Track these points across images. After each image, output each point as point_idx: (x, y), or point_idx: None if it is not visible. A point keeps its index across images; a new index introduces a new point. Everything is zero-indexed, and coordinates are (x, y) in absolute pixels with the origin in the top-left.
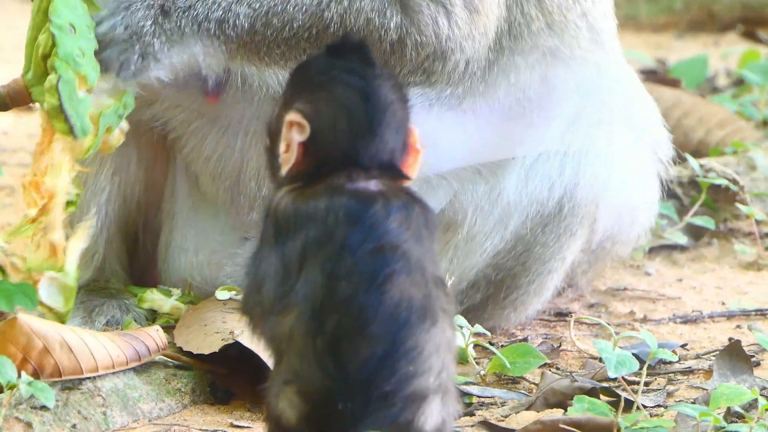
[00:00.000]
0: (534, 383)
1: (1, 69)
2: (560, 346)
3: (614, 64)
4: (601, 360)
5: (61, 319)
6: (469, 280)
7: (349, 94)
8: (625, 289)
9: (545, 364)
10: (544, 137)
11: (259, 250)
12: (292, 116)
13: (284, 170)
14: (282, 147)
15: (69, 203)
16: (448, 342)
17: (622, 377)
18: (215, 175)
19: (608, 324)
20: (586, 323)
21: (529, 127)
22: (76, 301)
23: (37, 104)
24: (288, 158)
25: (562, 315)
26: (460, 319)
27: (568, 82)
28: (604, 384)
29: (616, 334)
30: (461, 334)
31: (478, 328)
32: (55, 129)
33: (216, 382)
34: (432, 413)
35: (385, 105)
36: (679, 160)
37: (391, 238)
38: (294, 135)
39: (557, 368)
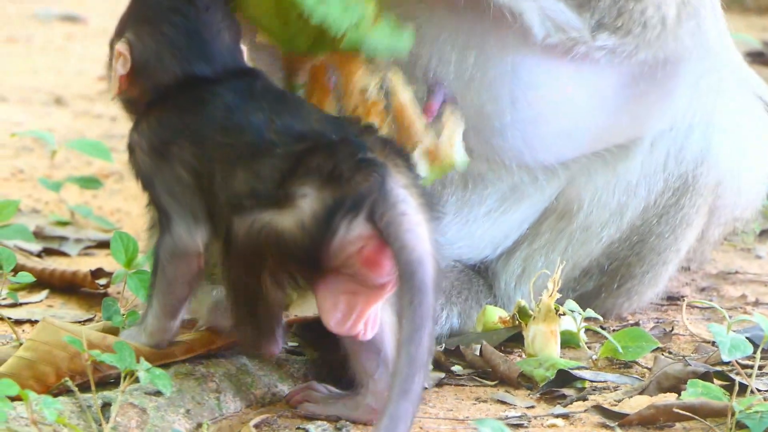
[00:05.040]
0: (647, 367)
1: None
2: (672, 330)
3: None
4: (714, 344)
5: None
6: (583, 269)
7: (174, 31)
8: (736, 272)
9: (658, 348)
10: (669, 109)
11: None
12: (119, 46)
13: (112, 95)
14: (111, 72)
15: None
16: None
17: (736, 361)
18: None
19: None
20: (697, 307)
21: (659, 98)
22: None
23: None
24: (112, 86)
25: (673, 299)
26: (571, 304)
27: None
28: (718, 368)
29: (729, 317)
30: (572, 318)
31: (590, 312)
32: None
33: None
34: None
35: (213, 35)
36: None
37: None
38: (118, 67)
39: (670, 352)
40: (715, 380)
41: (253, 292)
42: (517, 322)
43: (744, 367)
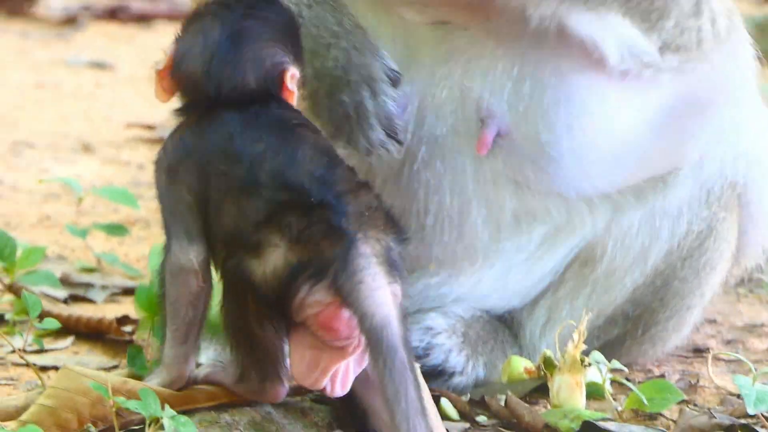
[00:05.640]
0: (672, 420)
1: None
2: (698, 382)
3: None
4: (739, 396)
5: None
6: (607, 316)
7: (208, 28)
8: (762, 325)
9: (683, 401)
10: (712, 134)
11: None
12: (170, 45)
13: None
14: None
15: None
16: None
17: (761, 413)
18: None
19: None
20: (723, 359)
21: (703, 120)
22: (208, 333)
23: None
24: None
25: (699, 351)
26: (597, 355)
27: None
28: (743, 420)
29: (755, 370)
30: (598, 369)
31: (615, 363)
32: None
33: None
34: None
35: (241, 40)
36: None
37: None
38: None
39: (695, 405)
40: None
41: (246, 331)
42: (542, 372)
43: None
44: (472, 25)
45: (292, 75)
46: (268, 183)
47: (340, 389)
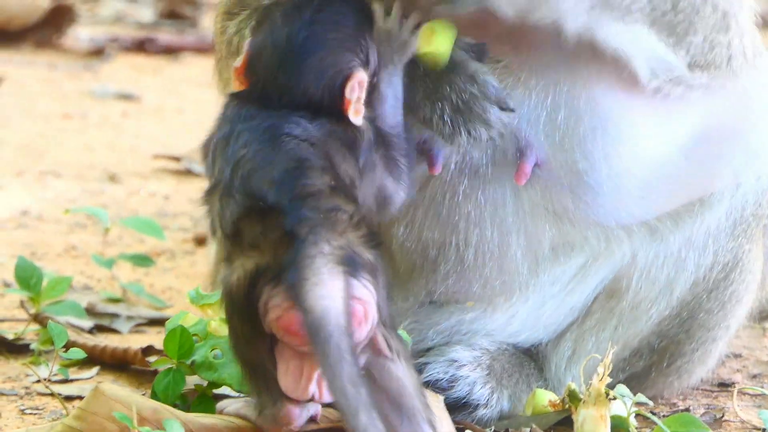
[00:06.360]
0: None
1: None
2: (723, 416)
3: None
4: (765, 431)
5: (439, 61)
6: (633, 348)
7: (278, 30)
8: None
9: None
10: (745, 157)
11: None
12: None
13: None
14: None
15: None
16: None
17: None
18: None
19: None
20: (748, 394)
21: (727, 152)
22: None
23: None
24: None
25: (724, 385)
26: (622, 388)
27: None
28: None
29: None
30: (622, 402)
31: (640, 397)
32: None
33: None
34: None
35: (307, 48)
36: None
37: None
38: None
39: None
40: None
41: (245, 354)
42: (567, 405)
43: None
44: (504, 56)
45: (360, 81)
46: (239, 188)
47: (327, 394)
